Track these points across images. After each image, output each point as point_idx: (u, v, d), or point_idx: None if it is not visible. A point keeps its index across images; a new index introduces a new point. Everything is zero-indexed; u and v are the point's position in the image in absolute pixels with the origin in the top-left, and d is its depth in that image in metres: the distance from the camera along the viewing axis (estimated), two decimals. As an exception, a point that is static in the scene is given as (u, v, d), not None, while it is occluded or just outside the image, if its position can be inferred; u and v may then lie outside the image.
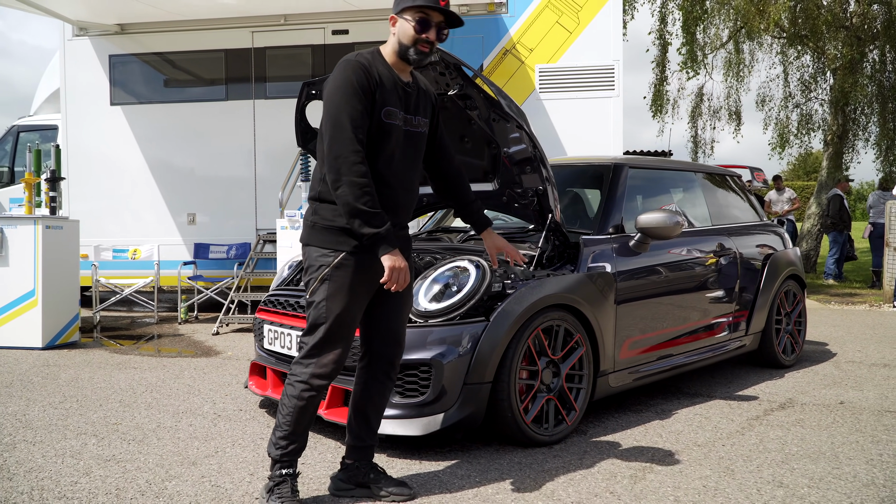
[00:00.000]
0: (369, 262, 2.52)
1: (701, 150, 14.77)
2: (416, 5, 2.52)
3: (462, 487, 2.88)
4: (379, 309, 2.70)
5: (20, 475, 2.99)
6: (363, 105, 2.44)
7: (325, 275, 2.51)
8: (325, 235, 2.54)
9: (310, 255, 2.58)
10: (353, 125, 2.41)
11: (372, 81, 2.48)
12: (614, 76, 7.59)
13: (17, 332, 5.96)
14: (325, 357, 2.53)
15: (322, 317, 2.52)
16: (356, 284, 2.53)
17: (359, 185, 2.38)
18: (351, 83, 2.44)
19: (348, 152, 2.39)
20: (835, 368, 5.28)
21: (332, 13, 7.89)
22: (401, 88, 2.58)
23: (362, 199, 2.38)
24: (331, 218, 2.53)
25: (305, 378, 2.53)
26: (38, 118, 9.16)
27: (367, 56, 2.56)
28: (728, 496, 2.82)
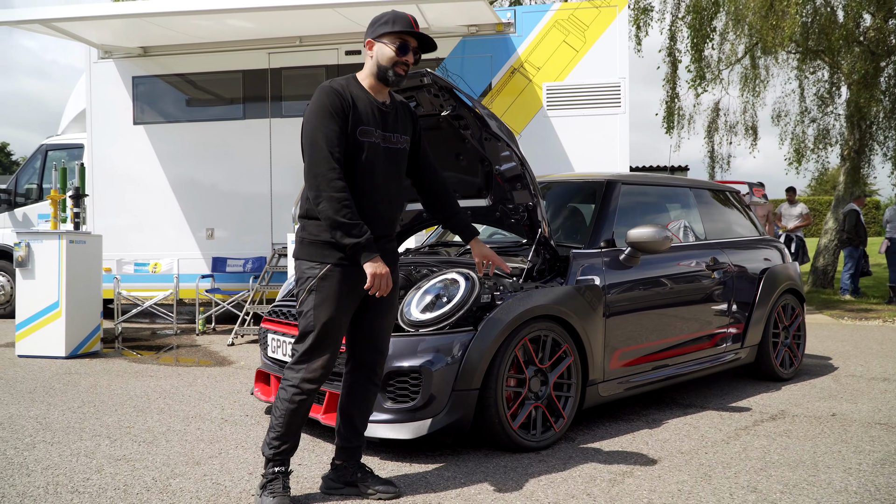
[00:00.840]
0: (354, 273, 2.71)
1: (718, 166, 14.80)
2: (395, 31, 2.74)
3: (446, 488, 3.04)
4: (363, 317, 2.87)
5: (38, 472, 3.20)
6: (338, 126, 2.64)
7: (311, 286, 2.71)
8: (312, 249, 2.73)
9: (299, 268, 2.79)
10: (329, 144, 2.61)
11: (345, 103, 2.68)
12: (620, 93, 7.74)
13: (42, 342, 6.24)
14: (314, 363, 2.71)
15: (310, 325, 2.71)
16: (341, 294, 2.71)
17: (337, 200, 2.58)
18: (325, 107, 2.65)
19: (325, 170, 2.59)
20: (833, 382, 5.35)
21: (345, 34, 8.14)
22: (377, 108, 2.78)
23: (341, 211, 2.58)
24: (316, 233, 2.72)
25: (296, 383, 2.72)
26: (65, 137, 9.52)
27: (342, 81, 2.77)
28: (700, 499, 2.95)
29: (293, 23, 8.02)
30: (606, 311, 3.99)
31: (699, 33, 11.06)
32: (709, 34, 11.19)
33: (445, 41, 8.02)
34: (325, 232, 2.69)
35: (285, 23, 8.00)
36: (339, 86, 2.73)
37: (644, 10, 12.91)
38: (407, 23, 2.78)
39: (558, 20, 7.89)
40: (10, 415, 4.21)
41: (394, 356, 3.39)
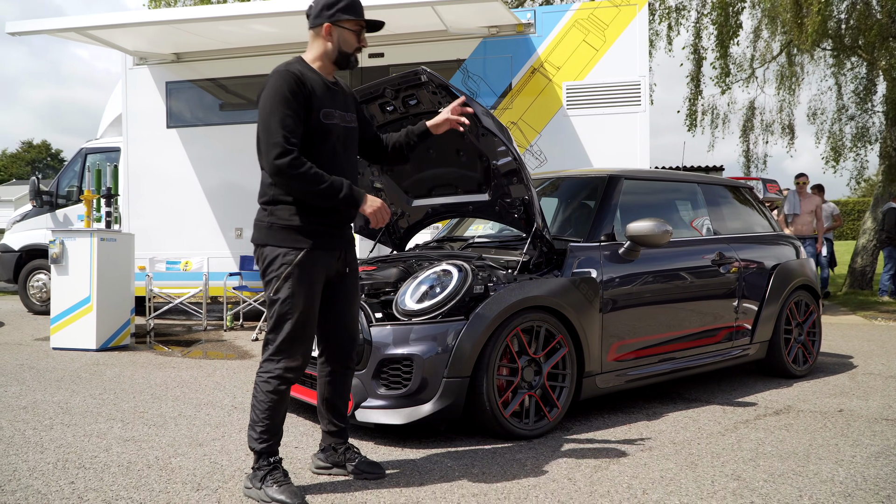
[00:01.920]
0: (325, 258, 2.78)
1: (753, 165, 14.58)
2: (356, 18, 2.84)
3: (432, 470, 3.13)
4: (330, 306, 2.92)
5: (51, 450, 3.40)
6: (293, 111, 2.66)
7: (288, 272, 2.72)
8: (285, 234, 2.73)
9: (268, 255, 2.76)
10: (284, 129, 2.63)
11: (304, 88, 2.71)
12: (640, 92, 7.74)
13: (75, 335, 6.52)
14: (296, 350, 2.74)
15: (288, 313, 2.71)
16: (316, 280, 2.77)
17: (304, 176, 2.63)
18: (280, 91, 2.67)
19: (280, 153, 2.61)
20: (849, 379, 5.28)
21: (367, 37, 8.28)
22: (331, 89, 2.83)
23: (314, 182, 2.64)
24: (287, 217, 2.74)
25: (279, 373, 2.73)
26: (103, 141, 9.89)
27: (297, 65, 2.78)
28: (680, 485, 2.98)
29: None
30: (604, 303, 4.04)
31: (724, 30, 10.93)
32: (735, 31, 11.04)
33: (466, 42, 8.13)
34: (296, 217, 2.73)
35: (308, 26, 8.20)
36: (296, 70, 2.73)
37: (677, 10, 12.83)
38: (362, 7, 2.88)
39: (578, 20, 7.92)
40: (35, 400, 4.44)
41: (387, 344, 3.51)
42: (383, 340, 3.52)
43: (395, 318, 3.61)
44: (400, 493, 2.86)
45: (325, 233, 2.79)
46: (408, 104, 4.14)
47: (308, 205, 2.75)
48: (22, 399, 4.46)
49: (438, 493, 2.86)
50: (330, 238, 2.82)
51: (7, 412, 4.13)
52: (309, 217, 2.76)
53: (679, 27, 12.86)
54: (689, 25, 12.38)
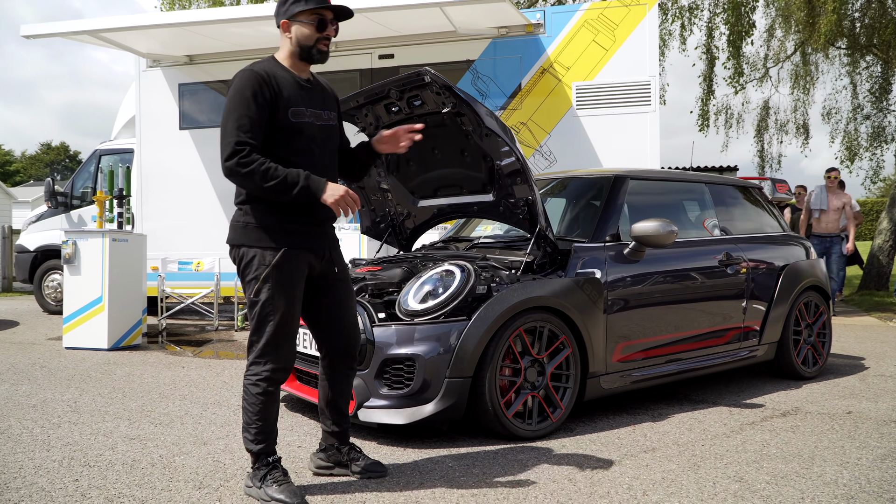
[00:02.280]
0: (303, 256, 2.75)
1: (767, 165, 14.47)
2: (309, 8, 2.73)
3: (433, 470, 3.14)
4: (326, 307, 2.90)
5: (57, 447, 3.44)
6: (251, 111, 2.62)
7: (266, 274, 2.68)
8: (261, 234, 2.71)
9: (244, 255, 2.73)
10: (240, 130, 2.59)
11: (269, 88, 2.66)
12: (650, 92, 7.71)
13: (86, 334, 6.59)
14: (281, 351, 2.73)
15: (270, 315, 2.68)
16: (296, 280, 2.74)
17: (254, 173, 2.58)
18: (241, 92, 2.64)
19: (235, 150, 2.59)
20: (859, 381, 5.22)
21: (378, 38, 8.33)
22: (303, 87, 2.78)
23: (265, 177, 2.58)
24: (262, 217, 2.71)
25: (266, 375, 2.71)
26: (117, 142, 9.99)
27: (264, 64, 2.75)
28: (681, 486, 2.97)
29: (328, 29, 8.24)
30: (608, 304, 4.03)
31: (736, 29, 10.85)
32: (747, 30, 10.96)
33: (475, 43, 8.13)
34: (272, 216, 2.70)
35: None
36: (261, 69, 2.70)
37: (690, 9, 12.76)
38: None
39: (588, 20, 7.90)
40: (45, 398, 4.50)
41: (390, 344, 3.52)
42: (386, 340, 3.53)
43: (398, 319, 3.62)
44: (400, 492, 2.87)
45: (301, 232, 2.76)
46: (412, 105, 4.15)
47: (283, 204, 2.71)
48: (32, 397, 4.52)
49: (438, 493, 2.87)
50: (308, 237, 2.78)
51: (17, 410, 4.18)
52: (284, 216, 2.73)
53: (692, 27, 12.78)
54: (701, 25, 12.32)
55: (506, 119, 8.03)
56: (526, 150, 8.02)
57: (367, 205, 4.99)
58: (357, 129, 4.66)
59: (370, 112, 4.39)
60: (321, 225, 2.84)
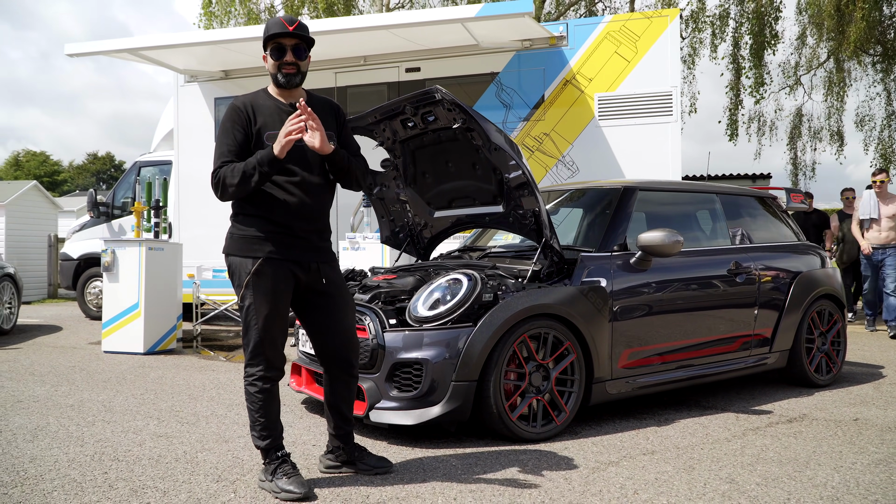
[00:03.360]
0: (285, 264, 2.94)
1: (801, 173, 14.34)
2: (268, 37, 3.00)
3: (436, 468, 3.31)
4: (317, 318, 3.08)
5: (90, 443, 3.70)
6: (230, 138, 2.93)
7: (247, 280, 2.89)
8: (242, 243, 2.93)
9: (231, 263, 2.98)
10: (221, 157, 2.92)
11: (242, 115, 2.96)
12: (672, 102, 7.79)
13: (124, 339, 6.93)
14: (267, 354, 2.94)
15: (252, 320, 2.90)
16: (277, 285, 2.92)
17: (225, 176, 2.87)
18: (223, 125, 2.98)
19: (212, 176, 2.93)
20: (873, 389, 5.25)
21: (405, 52, 8.57)
22: (283, 111, 2.99)
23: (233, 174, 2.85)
24: (245, 228, 2.95)
25: (260, 375, 2.93)
26: (156, 154, 10.39)
27: (247, 97, 3.05)
28: (672, 486, 3.09)
29: (357, 44, 8.52)
30: (614, 311, 4.15)
31: (759, 39, 10.83)
32: (770, 40, 10.93)
33: (500, 56, 8.31)
34: (252, 227, 2.93)
35: (350, 44, 8.51)
36: (239, 102, 3.01)
37: (720, 17, 12.75)
38: (279, 25, 2.99)
39: (610, 32, 8.02)
40: (81, 399, 4.79)
41: (400, 349, 3.71)
42: (396, 345, 3.73)
43: (409, 325, 3.81)
44: (402, 486, 3.05)
45: (282, 242, 2.94)
46: (426, 120, 4.36)
47: (262, 213, 2.94)
48: (70, 398, 4.81)
49: (438, 488, 3.04)
50: (289, 248, 2.96)
51: (55, 409, 4.47)
52: (263, 227, 2.94)
53: (723, 35, 12.78)
54: (727, 35, 12.32)
55: (529, 130, 8.20)
56: (549, 160, 8.17)
57: (387, 215, 5.20)
58: (375, 143, 4.89)
59: (387, 127, 4.61)
60: (304, 237, 3.00)
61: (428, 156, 4.68)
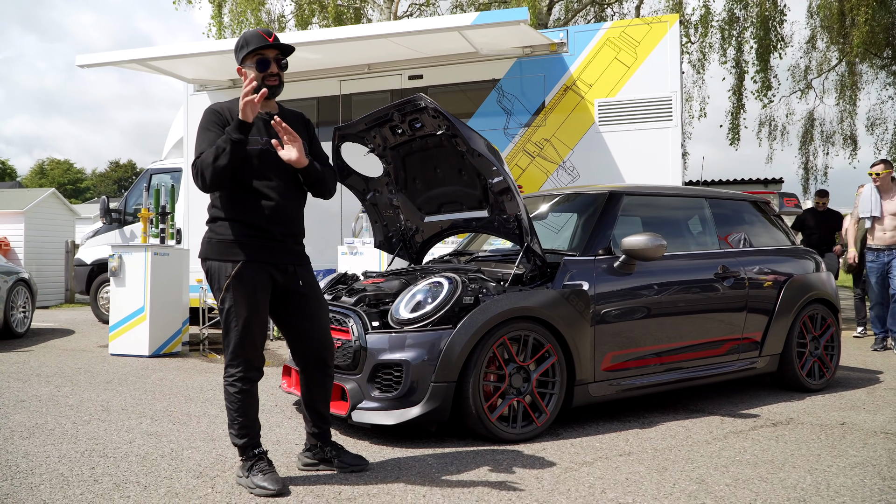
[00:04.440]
0: (263, 267, 3.04)
1: (812, 177, 14.25)
2: (250, 51, 3.07)
3: (412, 466, 3.39)
4: (293, 318, 3.17)
5: (83, 441, 3.82)
6: (208, 139, 2.99)
7: (227, 283, 2.98)
8: (222, 247, 3.01)
9: (210, 268, 3.05)
10: (198, 154, 3.00)
11: (221, 118, 3.04)
12: (671, 107, 7.82)
13: (130, 342, 7.08)
14: (248, 354, 3.03)
15: (233, 321, 2.99)
16: (257, 289, 3.02)
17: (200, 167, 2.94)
18: (201, 126, 3.06)
19: (192, 171, 3.01)
20: (866, 394, 5.24)
21: (408, 61, 8.68)
22: (260, 120, 3.08)
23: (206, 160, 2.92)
24: (223, 232, 3.03)
25: (239, 376, 3.02)
26: (167, 162, 10.59)
27: (223, 102, 3.14)
28: (641, 486, 3.14)
29: (361, 53, 8.64)
30: (596, 314, 4.21)
31: (764, 43, 10.81)
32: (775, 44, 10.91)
33: (500, 63, 8.39)
34: (231, 231, 3.01)
35: (354, 53, 8.64)
36: (217, 106, 3.11)
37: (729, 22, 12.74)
38: (258, 39, 3.07)
39: (610, 38, 8.07)
40: (81, 398, 4.93)
41: (381, 350, 3.80)
42: (377, 347, 3.81)
43: (391, 327, 3.89)
44: (375, 484, 3.12)
45: (261, 246, 3.04)
46: (414, 127, 4.45)
47: (239, 218, 3.03)
48: (71, 398, 4.95)
49: (410, 486, 3.12)
50: (268, 251, 3.06)
51: (55, 408, 4.61)
52: (241, 231, 3.03)
53: (731, 38, 12.75)
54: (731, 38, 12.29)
55: (530, 136, 8.26)
56: (550, 165, 8.23)
57: (380, 220, 5.30)
58: (367, 150, 5.00)
59: (378, 134, 4.71)
60: (282, 240, 3.11)
61: (417, 162, 4.77)
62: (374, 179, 5.11)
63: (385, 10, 14.18)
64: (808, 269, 5.48)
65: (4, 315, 8.42)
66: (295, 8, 14.37)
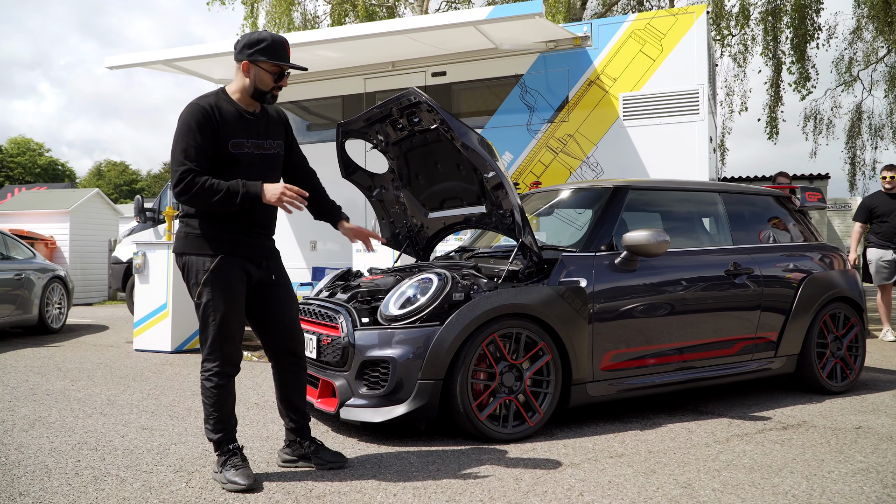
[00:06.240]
0: (239, 262, 3.03)
1: (860, 172, 13.70)
2: (273, 61, 3.04)
3: (392, 464, 3.34)
4: (265, 310, 3.16)
5: (79, 434, 3.89)
6: (200, 140, 2.93)
7: (205, 278, 2.99)
8: (200, 242, 3.02)
9: (186, 262, 3.05)
10: (186, 158, 2.92)
11: (212, 120, 2.97)
12: (698, 100, 7.59)
13: (153, 338, 7.22)
14: (225, 349, 3.03)
15: (210, 316, 2.99)
16: (233, 282, 3.02)
17: (201, 192, 2.89)
18: (187, 123, 2.96)
19: (181, 177, 2.89)
20: (892, 397, 4.97)
21: (431, 57, 8.63)
22: (246, 119, 3.06)
23: (210, 193, 2.88)
24: (200, 228, 3.03)
25: (216, 371, 3.02)
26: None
27: (210, 99, 3.04)
28: (622, 489, 3.03)
29: (385, 50, 8.64)
30: (595, 312, 4.09)
31: (799, 32, 10.39)
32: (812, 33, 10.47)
33: (524, 58, 8.28)
34: (209, 227, 3.01)
35: (378, 51, 8.64)
36: (205, 103, 3.00)
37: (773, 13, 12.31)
38: (286, 54, 3.07)
39: (634, 30, 7.88)
40: (91, 393, 5.03)
41: (369, 347, 3.76)
42: (365, 343, 3.77)
43: (377, 323, 3.85)
44: (349, 482, 3.09)
45: (237, 241, 3.05)
46: (412, 122, 4.40)
47: (218, 215, 3.02)
48: (81, 392, 5.06)
49: (384, 484, 3.07)
50: (244, 246, 3.07)
51: (63, 402, 4.71)
52: (219, 227, 3.03)
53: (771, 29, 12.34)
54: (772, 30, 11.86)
55: (553, 132, 8.13)
56: (573, 161, 8.08)
57: (387, 217, 5.27)
58: (370, 146, 4.98)
59: (380, 130, 4.68)
60: (257, 236, 3.12)
61: (419, 157, 4.72)
62: (379, 176, 5.08)
63: (416, 9, 14.16)
64: (830, 266, 5.24)
65: (40, 311, 8.69)
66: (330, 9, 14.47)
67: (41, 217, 14.25)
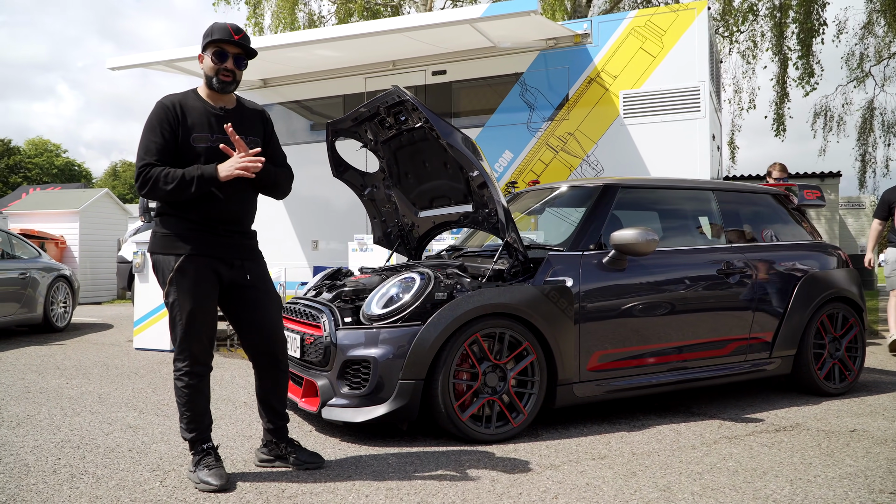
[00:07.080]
0: (206, 261, 3.01)
1: (870, 169, 13.51)
2: (212, 40, 3.03)
3: (369, 465, 3.32)
4: (241, 312, 3.14)
5: (63, 432, 3.90)
6: (159, 136, 2.96)
7: (171, 277, 2.99)
8: (166, 241, 3.02)
9: (156, 261, 3.06)
10: (147, 154, 2.94)
11: (171, 115, 2.98)
12: (699, 97, 7.50)
13: (153, 337, 7.25)
14: (195, 348, 3.02)
15: (178, 315, 2.99)
16: (199, 281, 2.99)
17: (157, 180, 2.88)
18: (150, 121, 3.00)
19: (139, 172, 2.92)
20: (891, 400, 4.88)
21: (431, 56, 8.60)
22: (212, 115, 3.05)
23: (166, 181, 2.88)
24: (167, 226, 3.02)
25: (186, 370, 3.02)
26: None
27: (175, 96, 3.06)
28: (598, 492, 2.98)
29: (384, 49, 8.62)
30: (582, 312, 4.04)
31: (805, 27, 10.24)
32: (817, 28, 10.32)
33: (524, 56, 8.23)
34: (175, 225, 3.00)
35: (378, 50, 8.62)
36: (168, 101, 3.03)
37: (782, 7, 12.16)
38: (224, 32, 3.04)
39: (635, 27, 7.80)
40: (84, 391, 5.05)
41: (350, 346, 3.74)
42: (346, 343, 3.75)
43: (360, 323, 3.82)
44: (323, 483, 3.06)
45: (203, 240, 3.02)
46: (399, 120, 4.38)
47: (184, 214, 3.01)
48: (74, 390, 5.08)
49: (358, 485, 3.04)
50: (212, 245, 3.04)
51: (54, 399, 4.73)
52: (185, 224, 3.01)
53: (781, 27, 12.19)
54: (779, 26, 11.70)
55: (553, 130, 8.07)
56: (573, 160, 8.02)
57: (379, 216, 5.25)
58: (360, 145, 4.96)
59: (369, 129, 4.66)
60: (227, 234, 3.09)
61: (407, 156, 4.70)
62: (370, 174, 5.07)
63: (421, 8, 14.14)
64: (829, 265, 5.15)
65: (44, 310, 8.76)
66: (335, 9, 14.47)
67: (52, 217, 14.38)
